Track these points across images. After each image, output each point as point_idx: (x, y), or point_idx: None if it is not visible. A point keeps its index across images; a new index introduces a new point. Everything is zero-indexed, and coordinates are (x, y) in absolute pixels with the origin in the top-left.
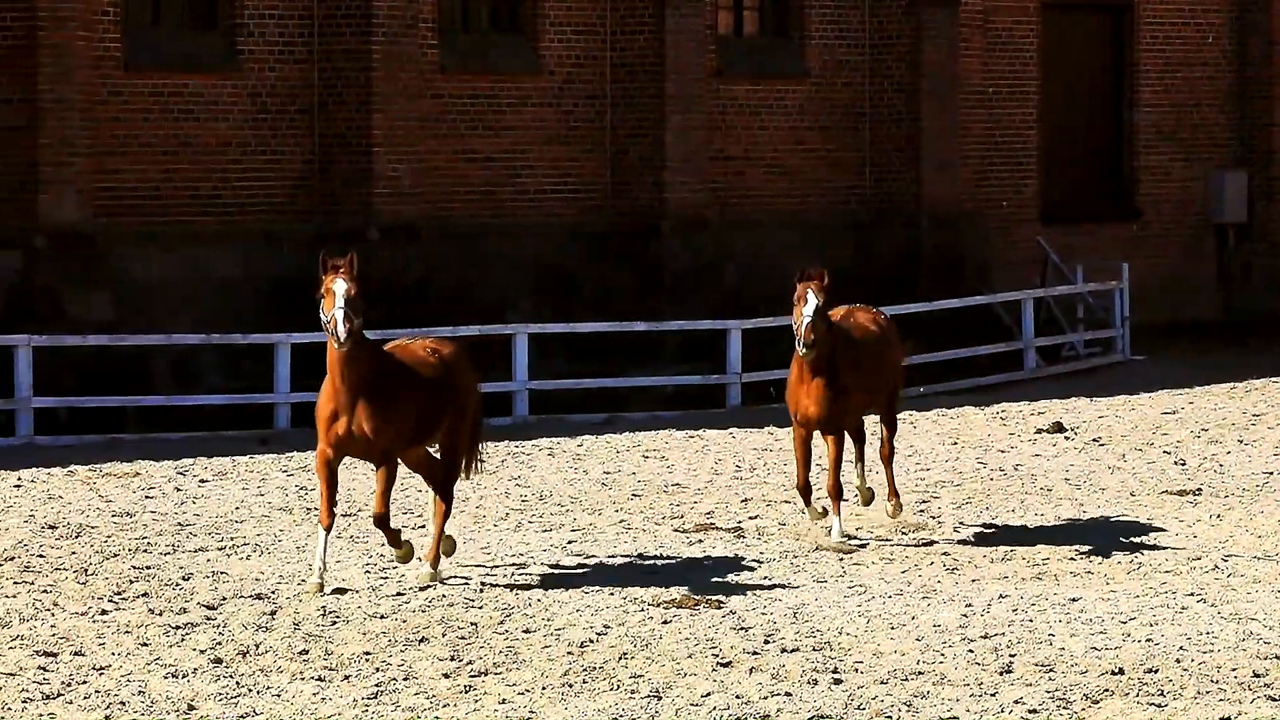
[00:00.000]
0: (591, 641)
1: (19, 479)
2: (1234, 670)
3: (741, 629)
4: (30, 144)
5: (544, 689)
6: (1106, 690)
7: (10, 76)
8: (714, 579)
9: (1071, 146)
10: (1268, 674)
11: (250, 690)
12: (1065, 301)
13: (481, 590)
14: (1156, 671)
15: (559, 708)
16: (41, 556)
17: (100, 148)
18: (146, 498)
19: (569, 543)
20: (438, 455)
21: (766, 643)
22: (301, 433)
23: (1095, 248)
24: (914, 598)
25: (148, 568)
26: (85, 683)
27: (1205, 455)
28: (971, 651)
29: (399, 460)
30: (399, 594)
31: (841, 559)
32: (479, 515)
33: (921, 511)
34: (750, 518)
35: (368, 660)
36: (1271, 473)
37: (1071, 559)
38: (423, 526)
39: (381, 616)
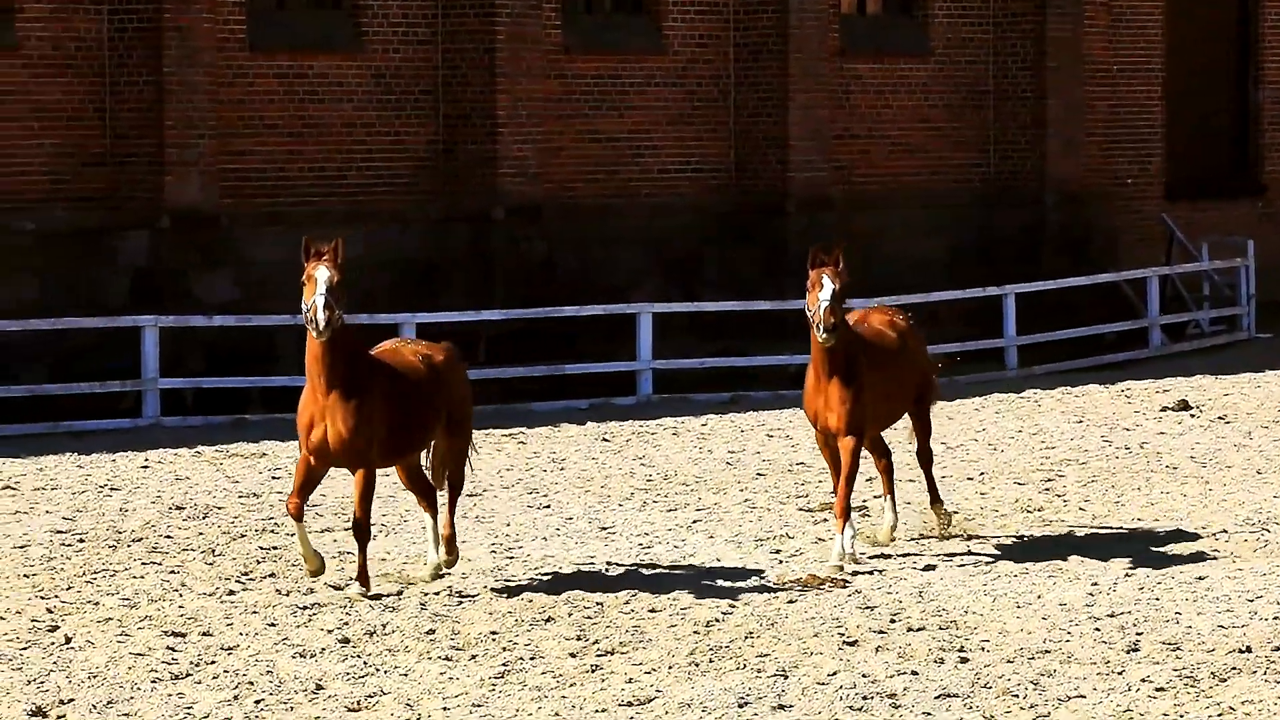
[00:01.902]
0: (717, 620)
1: (146, 460)
2: None
3: (867, 608)
4: (156, 126)
5: (670, 668)
6: (1234, 669)
7: (136, 58)
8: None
9: (1196, 123)
10: None
11: (378, 670)
12: (1190, 279)
13: (607, 570)
14: None
15: (685, 687)
16: (169, 537)
17: (225, 129)
18: (273, 478)
19: (694, 522)
20: (427, 467)
21: (892, 621)
22: None
23: (1220, 224)
24: (1040, 576)
25: (274, 548)
26: (213, 663)
27: None
28: (1098, 630)
29: (399, 473)
30: (525, 574)
31: (967, 537)
32: (604, 495)
33: (1047, 490)
34: (875, 496)
35: (494, 640)
36: None
37: (1198, 537)
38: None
39: (507, 596)
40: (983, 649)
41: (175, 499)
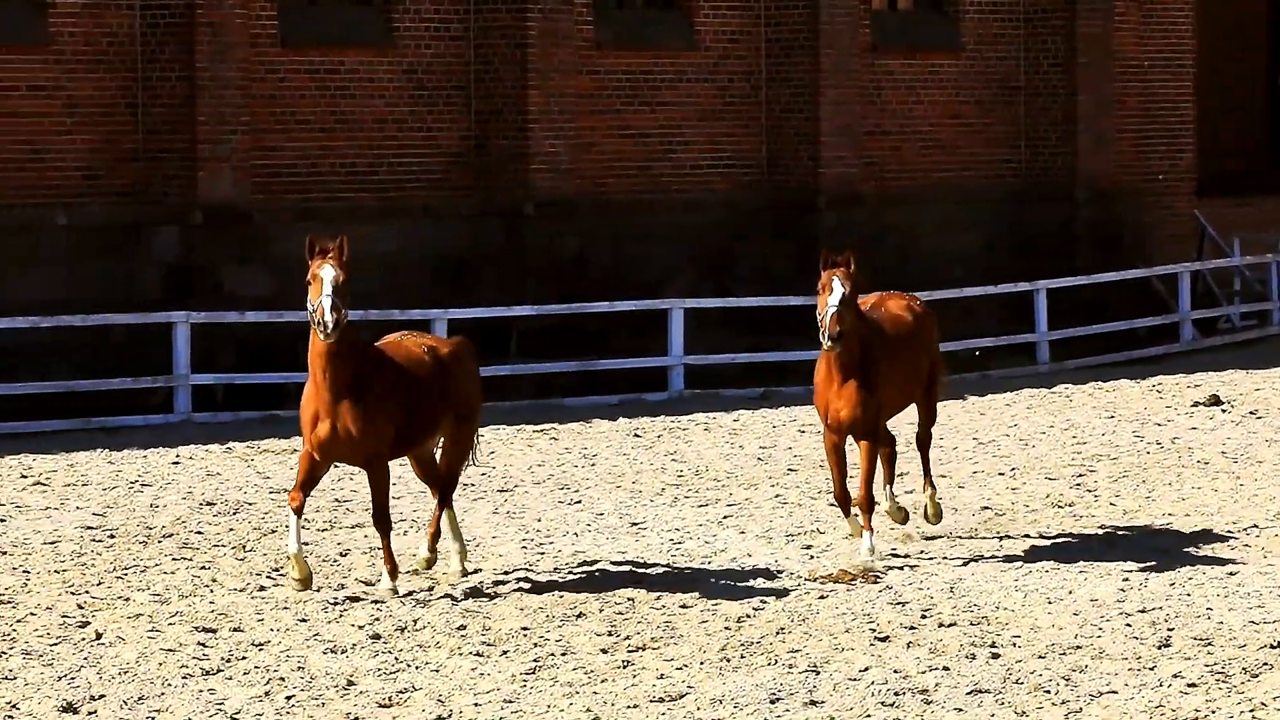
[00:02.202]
0: (749, 616)
1: (177, 456)
2: None
3: (899, 603)
4: (188, 121)
5: (701, 664)
6: (1265, 664)
7: (168, 54)
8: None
9: (1227, 119)
10: None
11: (409, 665)
12: (1221, 274)
13: (638, 565)
14: None
15: (716, 682)
16: (200, 533)
17: (257, 125)
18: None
19: (725, 517)
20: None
21: (924, 617)
22: None
23: (1251, 221)
24: (1071, 571)
25: (305, 544)
26: (244, 658)
27: None
28: (1129, 625)
29: (412, 465)
30: (556, 569)
31: (997, 534)
32: (635, 491)
33: (1078, 485)
34: (906, 492)
35: (525, 635)
36: None
37: (1229, 532)
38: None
39: (538, 592)
40: (1014, 645)
41: (206, 495)
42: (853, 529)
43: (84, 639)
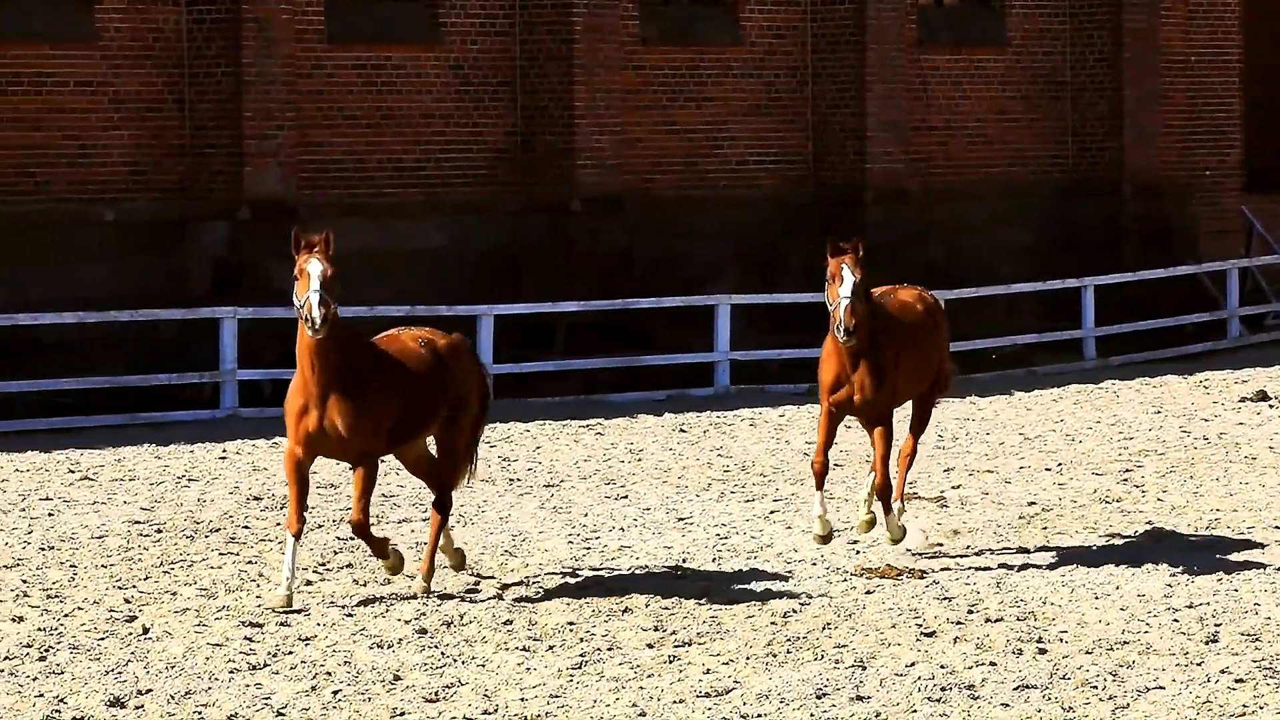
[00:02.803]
0: (795, 611)
1: (224, 451)
2: None
3: (945, 599)
4: (235, 117)
5: (748, 659)
6: None
7: (215, 50)
8: (917, 548)
9: (1275, 114)
10: None
11: (455, 660)
12: (1269, 270)
13: (684, 560)
14: None
15: (763, 678)
16: (246, 528)
17: (303, 120)
18: (349, 469)
19: (771, 513)
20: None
21: (970, 612)
22: (501, 404)
23: None
24: (1118, 567)
25: (352, 538)
26: (291, 653)
27: None
28: (1177, 621)
29: (401, 460)
30: (602, 564)
31: (1041, 525)
32: (681, 486)
33: (1125, 480)
34: (953, 487)
35: (572, 630)
36: None
37: (1276, 528)
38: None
39: (585, 587)
40: (1061, 640)
41: (253, 489)
42: (818, 512)
43: (131, 633)
